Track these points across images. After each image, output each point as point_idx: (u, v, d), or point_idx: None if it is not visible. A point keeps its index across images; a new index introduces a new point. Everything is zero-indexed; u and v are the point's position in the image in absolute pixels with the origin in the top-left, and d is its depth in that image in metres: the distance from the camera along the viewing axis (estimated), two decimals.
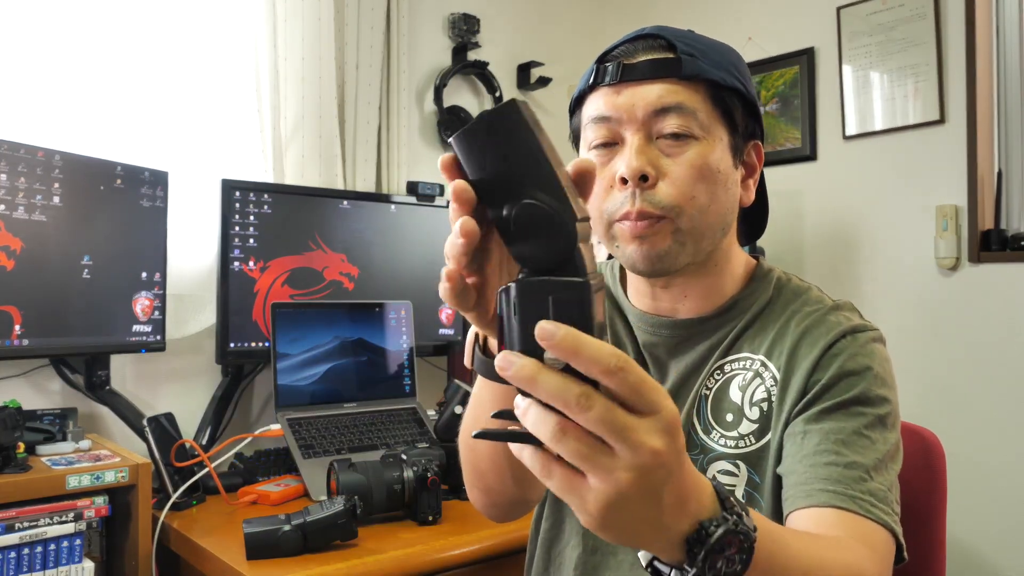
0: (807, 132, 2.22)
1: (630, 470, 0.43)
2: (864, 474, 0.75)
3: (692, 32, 0.86)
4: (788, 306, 0.88)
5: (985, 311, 1.89)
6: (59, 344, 1.45)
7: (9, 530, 1.21)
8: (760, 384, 0.85)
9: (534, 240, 0.45)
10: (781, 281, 0.91)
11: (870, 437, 0.78)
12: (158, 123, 1.79)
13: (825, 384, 0.80)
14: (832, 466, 0.75)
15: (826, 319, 0.85)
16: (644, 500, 0.45)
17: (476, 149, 0.45)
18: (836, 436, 0.77)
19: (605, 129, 0.81)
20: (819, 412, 0.79)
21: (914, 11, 2.00)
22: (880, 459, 0.77)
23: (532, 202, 0.44)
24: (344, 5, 2.02)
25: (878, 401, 0.80)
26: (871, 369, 0.81)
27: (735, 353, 0.88)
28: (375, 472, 1.35)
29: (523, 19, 2.55)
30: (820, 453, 0.77)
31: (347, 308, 1.83)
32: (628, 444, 0.43)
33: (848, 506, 0.72)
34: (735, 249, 0.90)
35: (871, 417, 0.79)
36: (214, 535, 1.32)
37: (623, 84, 0.80)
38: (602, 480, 0.44)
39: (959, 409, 1.93)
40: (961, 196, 1.93)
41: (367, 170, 2.07)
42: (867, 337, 0.84)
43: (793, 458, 0.79)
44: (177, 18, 1.81)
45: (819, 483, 0.74)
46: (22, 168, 1.37)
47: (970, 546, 1.89)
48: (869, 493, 0.74)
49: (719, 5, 2.45)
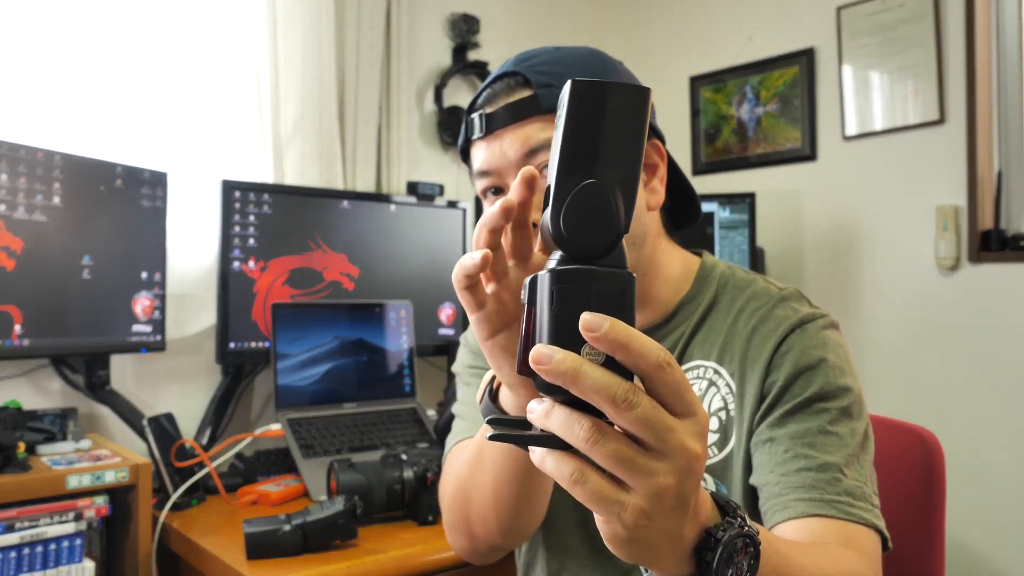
0: (807, 132, 2.22)
1: (672, 475, 0.41)
2: (838, 474, 0.74)
3: (556, 50, 0.84)
4: (734, 303, 0.87)
5: (985, 311, 1.89)
6: (59, 344, 1.45)
7: (9, 530, 1.21)
8: (716, 393, 0.84)
9: (587, 220, 0.42)
10: (725, 277, 0.90)
11: (837, 433, 0.77)
12: (158, 123, 1.79)
13: (783, 385, 0.79)
14: (805, 472, 0.74)
15: (773, 314, 0.84)
16: (676, 509, 0.42)
17: (592, 107, 0.43)
18: (803, 439, 0.76)
19: (488, 180, 0.83)
20: (781, 415, 0.78)
21: (914, 11, 2.00)
22: (851, 453, 0.76)
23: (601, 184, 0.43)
24: (344, 5, 2.02)
25: (839, 393, 0.79)
26: (826, 360, 0.80)
27: (687, 361, 0.87)
28: (375, 472, 1.35)
29: (523, 19, 2.55)
30: (790, 460, 0.76)
31: (347, 308, 1.83)
32: (670, 446, 0.41)
33: (828, 512, 0.72)
34: (662, 254, 0.88)
35: (834, 412, 0.78)
36: (214, 535, 1.32)
37: (490, 135, 0.81)
38: (643, 485, 0.41)
39: (958, 409, 1.93)
40: (961, 196, 1.93)
41: (367, 170, 2.07)
42: (817, 326, 0.82)
43: (764, 468, 0.78)
44: (177, 18, 1.81)
45: (795, 492, 0.74)
46: (22, 168, 1.37)
47: (968, 545, 1.89)
48: (846, 493, 0.73)
49: (719, 5, 2.45)
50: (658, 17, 2.64)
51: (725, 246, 2.12)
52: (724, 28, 2.43)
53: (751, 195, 2.10)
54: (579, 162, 0.43)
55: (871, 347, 2.07)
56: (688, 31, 2.54)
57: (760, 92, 2.33)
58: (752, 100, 2.35)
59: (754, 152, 2.34)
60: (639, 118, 0.43)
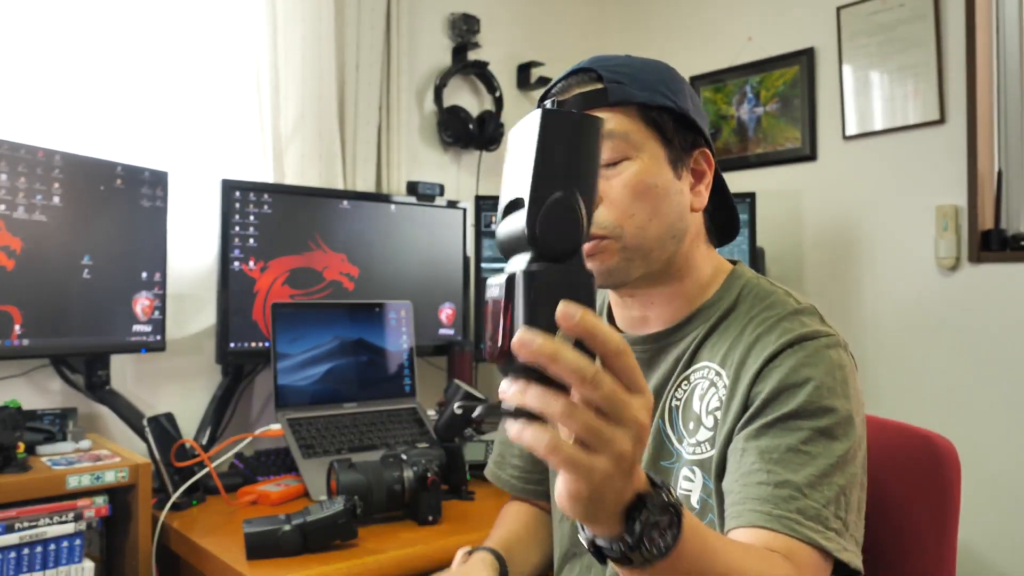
0: (807, 132, 2.22)
1: (628, 441, 0.49)
2: (795, 492, 0.75)
3: (628, 57, 0.90)
4: (750, 312, 0.88)
5: (985, 311, 1.89)
6: (59, 344, 1.45)
7: (9, 530, 1.21)
8: (715, 393, 0.86)
9: (558, 226, 0.50)
10: (749, 286, 0.92)
11: (808, 452, 0.77)
12: (158, 123, 1.79)
13: (765, 398, 0.80)
14: (763, 486, 0.76)
15: (778, 325, 0.84)
16: (627, 473, 0.51)
17: (560, 133, 0.50)
18: (770, 455, 0.77)
19: None
20: (758, 428, 0.80)
21: (914, 11, 2.00)
22: (818, 474, 0.76)
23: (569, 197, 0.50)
24: (344, 5, 2.02)
25: (819, 412, 0.78)
26: (811, 380, 0.80)
27: (697, 363, 0.90)
28: (375, 472, 1.35)
29: (523, 19, 2.55)
30: (754, 472, 0.77)
31: (347, 308, 1.83)
32: (626, 418, 0.48)
33: (774, 526, 0.73)
34: (699, 255, 0.92)
35: (808, 431, 0.78)
36: (214, 535, 1.32)
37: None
38: (607, 450, 0.48)
39: (959, 409, 1.93)
40: (961, 196, 1.93)
41: (367, 170, 2.07)
42: (816, 345, 0.82)
43: (731, 476, 0.80)
44: (177, 18, 1.81)
45: (750, 503, 0.76)
46: (22, 168, 1.37)
47: (968, 546, 1.89)
48: (798, 511, 0.74)
49: (719, 5, 2.45)
50: (658, 17, 2.64)
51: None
52: (724, 28, 2.43)
53: (751, 195, 2.10)
54: (550, 178, 0.50)
55: (871, 347, 2.07)
56: (688, 31, 2.54)
57: (760, 92, 2.33)
58: (752, 100, 2.35)
59: (754, 152, 2.34)
60: (596, 144, 0.51)
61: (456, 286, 2.12)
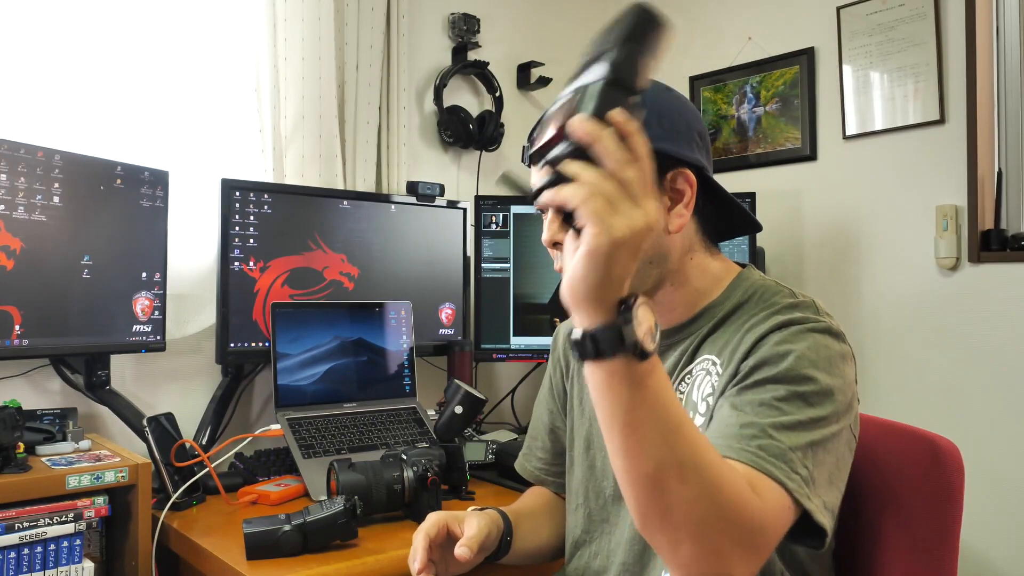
0: (807, 132, 2.22)
1: (645, 218, 0.61)
2: (758, 432, 0.76)
3: None
4: (752, 309, 0.91)
5: (985, 311, 1.89)
6: (59, 344, 1.45)
7: (9, 530, 1.21)
8: (709, 380, 0.89)
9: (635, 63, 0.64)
10: (755, 287, 0.94)
11: (779, 408, 0.78)
12: (158, 123, 1.79)
13: (748, 369, 0.83)
14: (729, 426, 0.78)
15: (771, 316, 0.87)
16: (633, 251, 0.61)
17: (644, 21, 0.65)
18: (743, 407, 0.80)
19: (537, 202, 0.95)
20: (737, 390, 0.82)
21: (914, 11, 2.00)
22: (788, 424, 0.77)
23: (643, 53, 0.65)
24: (344, 5, 2.02)
25: (798, 379, 0.80)
26: (792, 352, 0.81)
27: (699, 357, 0.93)
28: (375, 472, 1.35)
29: (523, 19, 2.55)
30: (725, 419, 0.80)
31: (347, 308, 1.83)
32: (642, 203, 0.61)
33: (735, 456, 0.74)
34: (693, 266, 0.95)
35: (784, 391, 0.79)
36: (214, 535, 1.32)
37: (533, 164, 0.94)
38: (626, 217, 0.60)
39: (959, 409, 1.93)
40: (961, 196, 1.93)
41: (367, 170, 2.07)
42: (803, 328, 0.84)
43: (709, 430, 0.83)
44: (177, 18, 1.81)
45: (716, 440, 0.77)
46: (22, 168, 1.37)
47: (970, 548, 1.89)
48: (760, 449, 0.75)
49: (719, 5, 2.45)
50: None
51: (725, 246, 2.12)
52: (724, 28, 2.43)
53: (751, 195, 2.10)
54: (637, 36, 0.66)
55: (871, 347, 2.07)
56: (688, 31, 2.54)
57: (760, 92, 2.33)
58: (752, 100, 2.35)
59: (754, 152, 2.34)
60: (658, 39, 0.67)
61: (456, 286, 2.12)
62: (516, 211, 2.13)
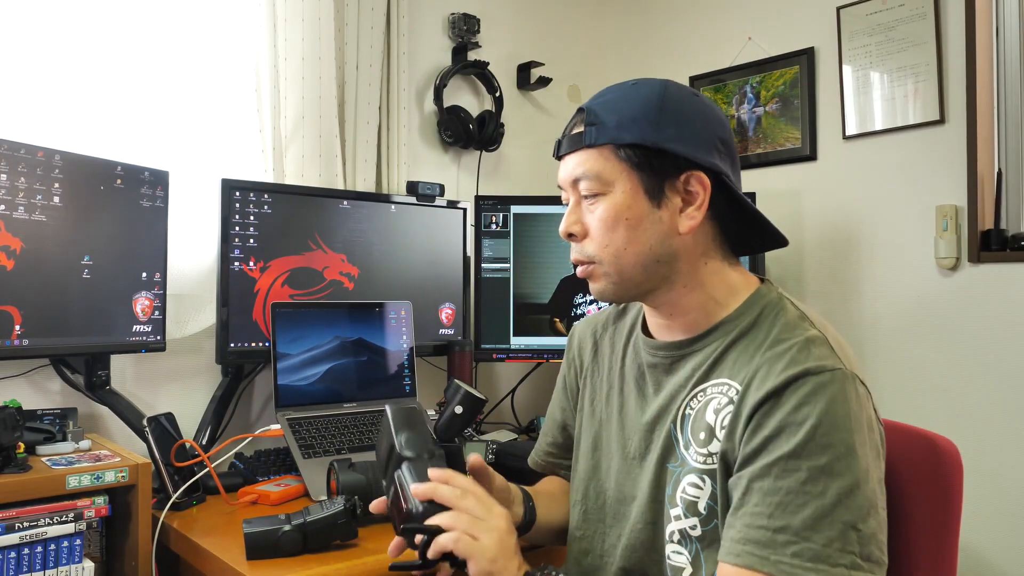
0: (807, 132, 2.22)
1: (499, 520, 0.89)
2: (793, 537, 0.80)
3: (623, 88, 0.97)
4: (768, 334, 0.92)
5: (985, 311, 1.89)
6: (59, 344, 1.45)
7: (9, 530, 1.21)
8: (731, 410, 0.90)
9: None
10: (771, 305, 0.95)
11: (808, 493, 0.80)
12: (158, 123, 1.79)
13: (767, 435, 0.84)
14: (763, 530, 0.81)
15: (786, 355, 0.87)
16: (512, 552, 0.87)
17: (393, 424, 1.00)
18: (771, 498, 0.82)
19: (563, 194, 1.01)
20: (761, 468, 0.84)
21: (914, 11, 2.00)
22: (818, 515, 0.80)
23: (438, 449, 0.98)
24: (344, 5, 2.02)
25: (818, 451, 0.81)
26: (810, 419, 0.82)
27: (715, 377, 0.93)
28: (375, 472, 1.35)
29: (523, 19, 2.55)
30: (755, 515, 0.82)
31: (347, 308, 1.83)
32: (491, 511, 0.90)
33: (767, 569, 0.79)
34: (708, 271, 0.96)
35: (807, 471, 0.81)
36: (214, 535, 1.32)
37: (561, 158, 1.00)
38: (488, 536, 0.86)
39: (958, 409, 1.93)
40: (961, 196, 1.93)
41: (367, 170, 2.07)
42: (819, 381, 0.84)
43: (734, 512, 0.85)
44: (177, 18, 1.81)
45: (749, 545, 0.81)
46: (22, 168, 1.37)
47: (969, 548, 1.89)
48: (795, 556, 0.79)
49: (719, 5, 2.45)
50: (658, 17, 2.64)
51: None
52: (724, 28, 2.43)
53: (751, 195, 2.10)
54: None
55: (871, 347, 2.07)
56: (688, 31, 2.54)
57: (760, 92, 2.33)
58: (752, 100, 2.35)
59: (754, 152, 2.34)
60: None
61: (456, 286, 2.12)
62: (516, 211, 2.13)
